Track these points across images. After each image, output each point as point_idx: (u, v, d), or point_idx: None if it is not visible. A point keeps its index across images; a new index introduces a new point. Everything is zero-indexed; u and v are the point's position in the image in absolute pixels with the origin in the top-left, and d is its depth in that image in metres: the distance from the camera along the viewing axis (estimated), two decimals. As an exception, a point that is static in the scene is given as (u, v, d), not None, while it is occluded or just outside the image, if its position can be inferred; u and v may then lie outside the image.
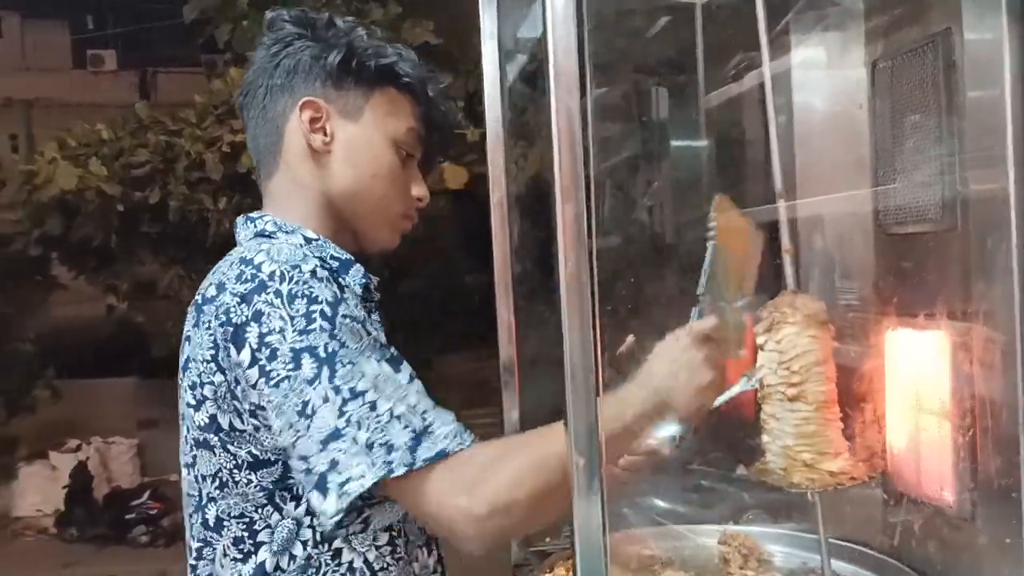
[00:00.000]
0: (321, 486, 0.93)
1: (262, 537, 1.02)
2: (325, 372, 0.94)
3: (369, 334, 0.98)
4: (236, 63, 5.41)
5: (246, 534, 1.02)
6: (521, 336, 1.63)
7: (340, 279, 1.05)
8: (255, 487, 1.01)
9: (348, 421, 0.93)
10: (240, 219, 1.13)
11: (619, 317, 1.47)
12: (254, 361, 0.96)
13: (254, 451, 1.00)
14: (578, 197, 0.76)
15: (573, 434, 0.77)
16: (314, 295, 0.96)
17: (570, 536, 0.77)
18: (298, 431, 0.94)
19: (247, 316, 0.96)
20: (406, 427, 0.94)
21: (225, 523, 1.03)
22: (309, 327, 0.95)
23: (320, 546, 1.02)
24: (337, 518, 0.93)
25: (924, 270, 1.20)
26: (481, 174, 2.23)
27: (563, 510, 0.87)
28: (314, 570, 1.02)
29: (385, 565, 1.05)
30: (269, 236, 1.08)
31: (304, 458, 0.95)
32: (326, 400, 0.93)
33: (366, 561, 1.03)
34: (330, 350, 0.94)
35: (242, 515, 1.02)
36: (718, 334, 1.09)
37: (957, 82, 1.12)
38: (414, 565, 1.09)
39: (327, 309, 0.96)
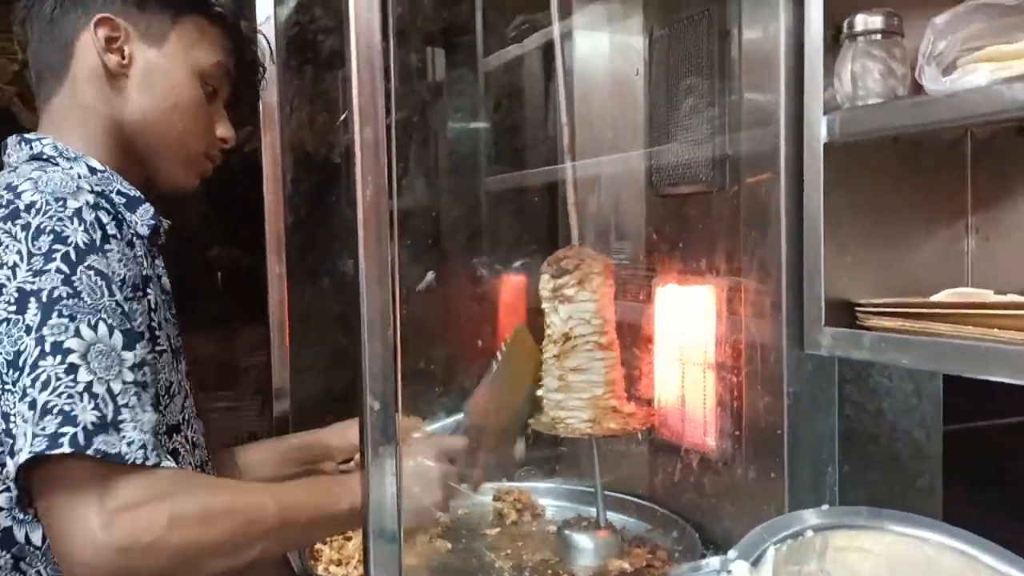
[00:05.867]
0: (11, 449, 0.80)
1: None
2: (41, 319, 0.81)
3: (113, 296, 0.85)
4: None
5: None
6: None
7: (124, 218, 0.95)
8: None
9: (36, 379, 0.79)
10: (12, 139, 0.99)
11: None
12: None
13: None
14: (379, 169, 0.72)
15: (368, 382, 0.73)
16: (64, 235, 0.84)
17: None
18: (3, 383, 0.81)
19: None
20: (95, 408, 0.81)
21: None
22: (45, 268, 0.82)
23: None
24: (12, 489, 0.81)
25: (694, 229, 1.26)
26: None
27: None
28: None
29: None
30: (47, 160, 0.96)
31: (5, 416, 0.81)
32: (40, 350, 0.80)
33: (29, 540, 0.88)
34: (55, 295, 0.82)
35: None
36: (461, 457, 1.10)
37: (730, 50, 1.18)
38: None
39: (73, 253, 0.84)
